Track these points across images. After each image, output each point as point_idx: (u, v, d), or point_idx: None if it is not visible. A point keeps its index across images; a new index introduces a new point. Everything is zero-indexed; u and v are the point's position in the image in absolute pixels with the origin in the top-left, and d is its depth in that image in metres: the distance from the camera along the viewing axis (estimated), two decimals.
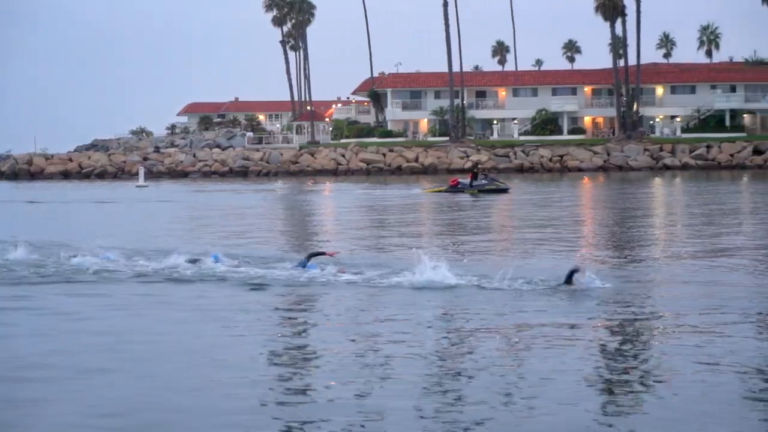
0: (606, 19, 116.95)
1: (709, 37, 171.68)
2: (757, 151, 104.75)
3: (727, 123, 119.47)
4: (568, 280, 19.31)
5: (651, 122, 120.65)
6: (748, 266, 23.11)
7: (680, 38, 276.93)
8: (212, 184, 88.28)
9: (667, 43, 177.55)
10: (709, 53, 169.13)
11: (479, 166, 70.02)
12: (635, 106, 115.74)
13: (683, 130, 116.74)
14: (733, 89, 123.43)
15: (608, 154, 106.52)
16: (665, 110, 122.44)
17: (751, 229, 34.42)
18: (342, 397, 11.66)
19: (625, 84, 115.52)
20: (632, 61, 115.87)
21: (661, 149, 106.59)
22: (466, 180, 65.72)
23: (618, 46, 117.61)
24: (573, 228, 36.60)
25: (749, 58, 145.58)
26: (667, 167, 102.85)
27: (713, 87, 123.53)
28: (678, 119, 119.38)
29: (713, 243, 29.13)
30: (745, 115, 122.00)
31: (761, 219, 39.45)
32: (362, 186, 77.29)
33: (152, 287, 20.82)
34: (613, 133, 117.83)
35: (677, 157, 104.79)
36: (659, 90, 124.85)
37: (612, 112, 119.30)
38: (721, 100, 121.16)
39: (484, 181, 64.39)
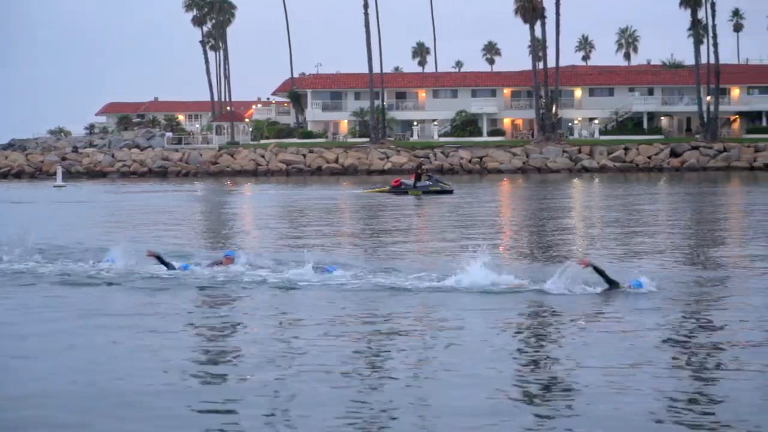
0: (525, 21, 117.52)
1: (628, 40, 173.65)
2: (674, 154, 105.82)
3: (645, 125, 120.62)
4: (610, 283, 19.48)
5: (570, 124, 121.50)
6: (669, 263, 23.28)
7: (599, 41, 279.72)
8: (132, 185, 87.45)
9: (586, 45, 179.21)
10: (627, 56, 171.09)
11: (423, 166, 68.95)
12: (554, 108, 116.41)
13: (601, 132, 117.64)
14: (650, 92, 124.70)
15: (527, 156, 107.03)
16: (584, 112, 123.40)
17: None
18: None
19: (544, 86, 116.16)
20: (551, 63, 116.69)
21: (579, 151, 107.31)
22: (409, 180, 64.90)
23: (537, 48, 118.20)
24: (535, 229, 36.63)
25: (667, 60, 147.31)
26: (585, 169, 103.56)
27: (631, 89, 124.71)
28: (596, 121, 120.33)
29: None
30: (662, 118, 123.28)
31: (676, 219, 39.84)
32: (287, 186, 77.19)
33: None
34: (533, 135, 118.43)
35: (595, 159, 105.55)
36: (578, 92, 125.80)
37: (531, 113, 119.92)
38: (639, 103, 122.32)
39: (428, 182, 63.50)
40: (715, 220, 40.67)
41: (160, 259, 22.62)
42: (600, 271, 19.34)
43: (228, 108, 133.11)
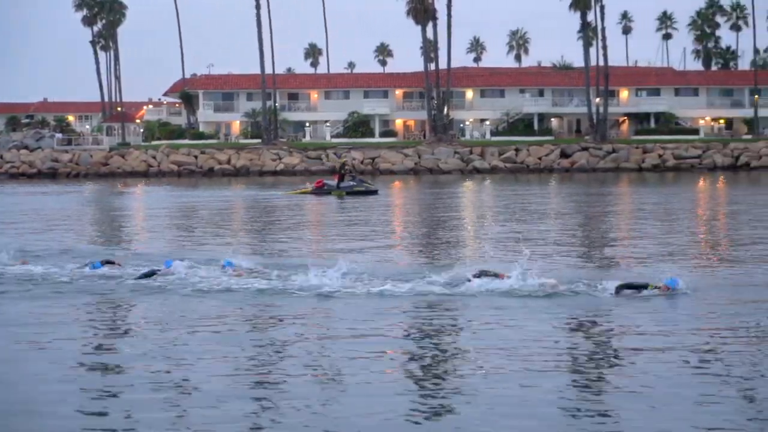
0: (417, 22, 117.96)
1: (519, 42, 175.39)
2: (564, 155, 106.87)
3: (536, 126, 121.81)
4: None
5: (461, 125, 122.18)
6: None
7: (490, 43, 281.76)
8: (20, 186, 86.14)
9: (477, 47, 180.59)
10: (518, 58, 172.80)
11: (346, 167, 68.45)
12: (446, 110, 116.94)
13: (493, 134, 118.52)
14: (541, 93, 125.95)
15: (419, 157, 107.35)
16: (475, 113, 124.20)
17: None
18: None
19: (436, 87, 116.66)
20: (443, 64, 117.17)
21: (471, 152, 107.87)
22: (332, 181, 64.56)
23: (429, 49, 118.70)
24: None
25: (557, 62, 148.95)
26: (477, 170, 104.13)
27: (522, 91, 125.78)
28: (488, 122, 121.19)
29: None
30: (552, 119, 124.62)
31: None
32: (182, 188, 76.55)
33: None
34: (424, 136, 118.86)
35: (487, 160, 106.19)
36: (469, 93, 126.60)
37: (423, 115, 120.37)
38: (529, 104, 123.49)
39: (351, 183, 63.15)
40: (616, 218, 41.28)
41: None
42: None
43: (119, 109, 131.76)
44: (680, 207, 50.10)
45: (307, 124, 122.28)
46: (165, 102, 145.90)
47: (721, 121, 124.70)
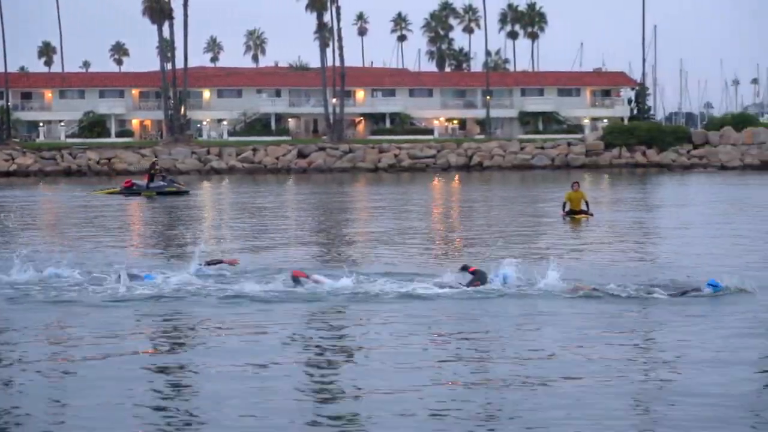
0: (153, 22, 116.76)
1: (256, 42, 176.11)
2: (301, 155, 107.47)
3: (273, 126, 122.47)
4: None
5: (198, 125, 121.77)
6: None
7: (227, 43, 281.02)
8: None
9: (214, 47, 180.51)
10: (255, 58, 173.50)
11: (157, 167, 66.58)
12: (183, 109, 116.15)
13: (230, 134, 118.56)
14: (278, 93, 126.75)
15: (156, 157, 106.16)
16: (212, 113, 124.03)
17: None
18: None
19: (172, 87, 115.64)
20: (180, 64, 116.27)
21: (208, 152, 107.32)
22: (142, 181, 62.75)
23: (165, 49, 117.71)
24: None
25: (294, 63, 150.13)
26: (215, 170, 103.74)
27: (259, 91, 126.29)
28: (225, 122, 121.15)
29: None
30: (290, 119, 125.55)
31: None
32: None
33: None
34: (161, 136, 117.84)
35: (224, 161, 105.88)
36: (206, 93, 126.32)
37: (160, 114, 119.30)
38: (266, 105, 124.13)
39: (162, 183, 61.37)
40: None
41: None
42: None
43: None
44: (418, 204, 51.20)
45: (41, 124, 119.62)
46: None
47: (455, 121, 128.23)
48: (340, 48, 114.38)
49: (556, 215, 38.96)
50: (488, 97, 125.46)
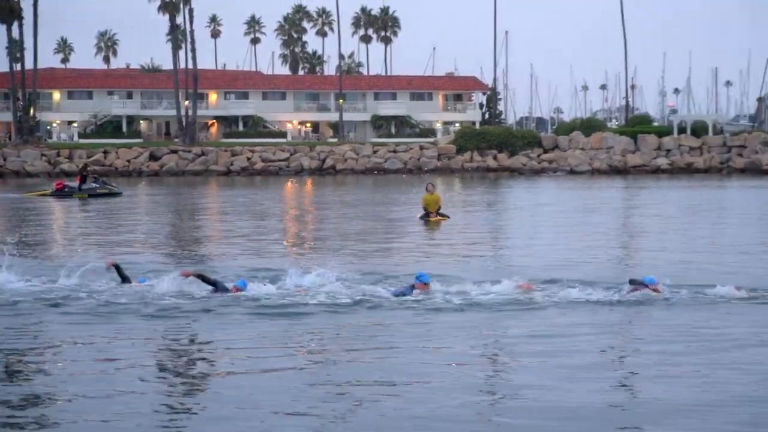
0: (3, 22, 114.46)
1: (107, 44, 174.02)
2: (153, 157, 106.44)
3: (125, 129, 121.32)
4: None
5: (48, 127, 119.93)
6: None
7: (78, 44, 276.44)
8: None
9: (65, 48, 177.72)
10: (107, 59, 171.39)
11: (88, 168, 65.07)
12: (32, 111, 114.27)
13: (81, 136, 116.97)
14: (130, 95, 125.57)
15: (5, 159, 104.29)
16: (63, 115, 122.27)
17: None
18: None
19: (22, 88, 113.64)
20: (29, 65, 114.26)
21: (58, 154, 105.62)
22: (74, 183, 61.49)
23: (15, 50, 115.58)
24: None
25: (146, 65, 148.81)
26: (65, 173, 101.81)
27: (111, 93, 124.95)
28: (75, 124, 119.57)
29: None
30: (142, 122, 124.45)
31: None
32: None
33: None
34: (10, 138, 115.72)
35: (75, 163, 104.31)
36: (57, 95, 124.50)
37: (9, 116, 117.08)
38: (118, 107, 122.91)
39: (94, 185, 60.35)
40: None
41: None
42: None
43: None
44: (272, 205, 51.32)
45: None
46: None
47: (308, 124, 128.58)
48: (193, 50, 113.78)
49: (413, 218, 39.45)
50: (341, 101, 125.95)
